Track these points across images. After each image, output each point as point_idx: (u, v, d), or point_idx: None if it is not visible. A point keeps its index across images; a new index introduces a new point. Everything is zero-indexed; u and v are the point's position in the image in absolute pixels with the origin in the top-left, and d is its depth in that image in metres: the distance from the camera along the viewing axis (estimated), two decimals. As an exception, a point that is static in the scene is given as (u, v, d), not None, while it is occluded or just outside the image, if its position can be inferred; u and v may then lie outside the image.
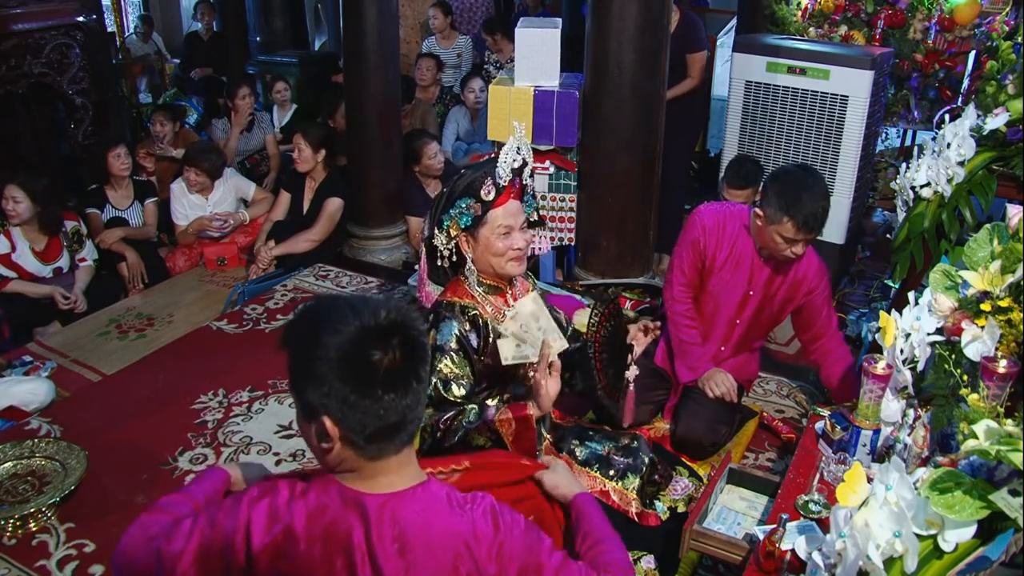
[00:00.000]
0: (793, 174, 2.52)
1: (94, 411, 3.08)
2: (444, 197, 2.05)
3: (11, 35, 4.40)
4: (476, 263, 2.07)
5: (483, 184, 1.98)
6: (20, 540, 2.41)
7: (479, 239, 2.04)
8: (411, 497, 1.27)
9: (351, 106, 4.40)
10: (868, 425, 2.01)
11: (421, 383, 1.24)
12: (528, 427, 1.87)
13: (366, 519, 1.24)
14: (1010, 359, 1.66)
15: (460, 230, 2.04)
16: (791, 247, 2.49)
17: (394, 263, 4.47)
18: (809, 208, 2.40)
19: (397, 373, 1.20)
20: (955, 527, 1.25)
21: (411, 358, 1.21)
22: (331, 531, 1.25)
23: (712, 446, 2.72)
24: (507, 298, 2.14)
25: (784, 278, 2.67)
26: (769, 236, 2.51)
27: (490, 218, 2.01)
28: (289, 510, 1.27)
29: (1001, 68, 3.12)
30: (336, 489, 1.27)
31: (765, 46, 3.97)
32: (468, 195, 2.00)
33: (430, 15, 6.44)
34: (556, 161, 3.84)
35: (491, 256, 2.04)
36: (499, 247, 2.03)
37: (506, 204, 2.02)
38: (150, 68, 7.57)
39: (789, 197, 2.42)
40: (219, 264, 4.41)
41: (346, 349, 1.18)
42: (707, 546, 1.99)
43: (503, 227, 2.02)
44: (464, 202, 2.00)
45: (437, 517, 1.27)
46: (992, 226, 1.87)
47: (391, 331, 1.20)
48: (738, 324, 2.76)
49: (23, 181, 3.73)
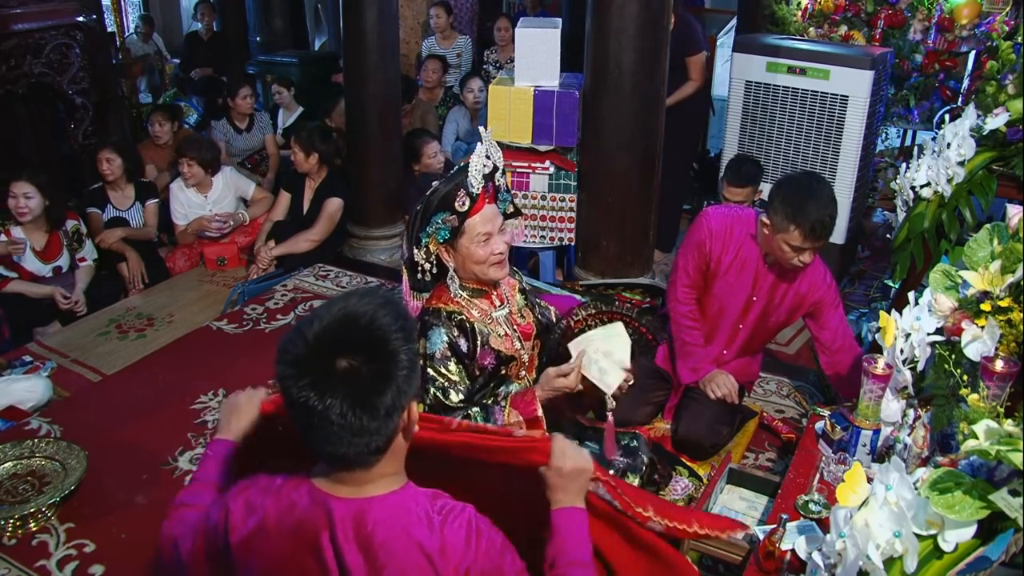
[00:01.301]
0: (799, 181, 2.48)
1: (94, 411, 3.08)
2: (419, 214, 2.03)
3: (11, 35, 4.40)
4: (458, 271, 2.07)
5: (456, 196, 1.96)
6: (20, 540, 2.41)
7: (459, 249, 2.03)
8: (379, 504, 1.24)
9: (351, 106, 4.41)
10: (868, 425, 2.01)
11: (375, 416, 1.16)
12: (539, 428, 1.88)
13: (331, 522, 1.22)
14: (1010, 359, 1.66)
15: (439, 244, 2.02)
16: (799, 255, 2.45)
17: (394, 263, 4.46)
18: (816, 216, 2.36)
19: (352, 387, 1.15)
20: (955, 527, 1.25)
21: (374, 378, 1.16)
22: (299, 529, 1.24)
23: (713, 447, 2.72)
24: (492, 299, 2.14)
25: (790, 286, 2.64)
26: (777, 245, 2.47)
27: (468, 227, 2.00)
28: (262, 504, 1.27)
29: (1001, 68, 3.12)
30: (307, 488, 1.26)
31: (765, 46, 3.97)
32: (442, 209, 1.98)
33: (432, 14, 6.45)
34: (556, 161, 3.84)
35: (473, 264, 2.04)
36: (480, 254, 2.02)
37: (482, 211, 2.01)
38: (150, 68, 7.57)
39: (795, 205, 2.38)
40: (219, 264, 4.41)
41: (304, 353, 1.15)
42: (707, 546, 1.98)
43: (482, 235, 2.01)
44: (439, 217, 1.98)
45: (403, 528, 1.23)
46: (992, 226, 1.87)
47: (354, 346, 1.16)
48: (741, 328, 2.75)
49: (31, 176, 3.74)
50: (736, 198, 3.77)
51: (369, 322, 1.16)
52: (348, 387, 1.14)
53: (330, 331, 1.16)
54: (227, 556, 1.31)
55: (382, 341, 1.16)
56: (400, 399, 1.18)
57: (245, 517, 1.28)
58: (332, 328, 1.16)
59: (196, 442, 2.90)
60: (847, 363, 2.64)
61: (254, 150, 5.53)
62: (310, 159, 4.36)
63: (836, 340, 2.67)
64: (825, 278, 2.66)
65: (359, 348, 1.15)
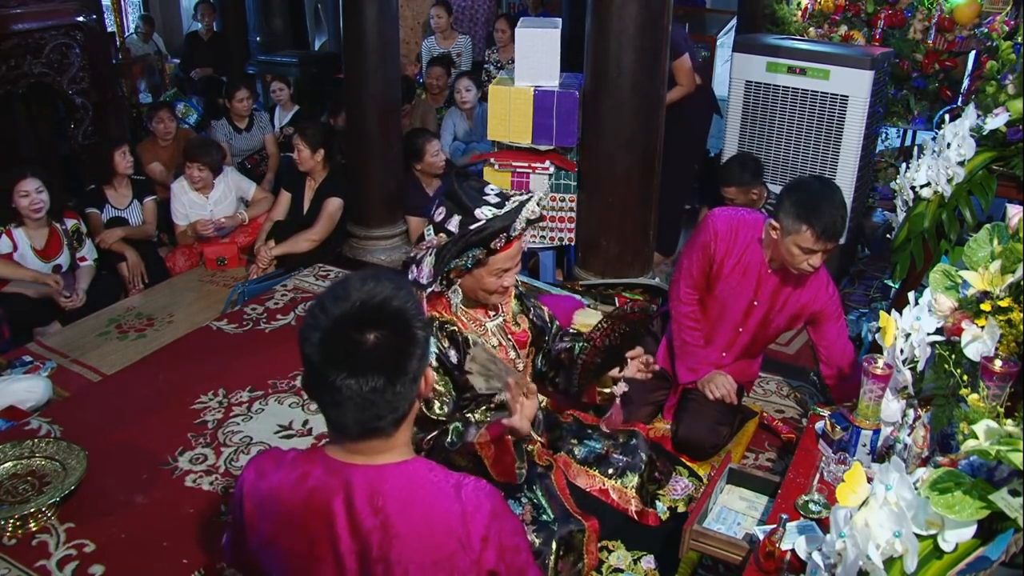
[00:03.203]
0: (810, 184, 2.48)
1: (94, 411, 3.08)
2: (455, 244, 1.96)
3: (11, 35, 4.39)
4: (461, 286, 2.06)
5: (496, 237, 1.95)
6: (20, 540, 2.41)
7: (472, 273, 2.02)
8: (395, 472, 1.28)
9: (351, 106, 4.41)
10: (868, 425, 2.01)
11: (392, 381, 1.22)
12: (506, 450, 1.86)
13: (347, 488, 1.26)
14: (1010, 359, 1.65)
15: (459, 272, 2.01)
16: (808, 258, 2.43)
17: (394, 263, 4.47)
18: (828, 217, 2.36)
19: (367, 359, 1.20)
20: (955, 527, 1.25)
21: (391, 348, 1.22)
22: (312, 496, 1.27)
23: (713, 447, 2.72)
24: (486, 309, 2.13)
25: (792, 293, 2.63)
26: (786, 248, 2.45)
27: (491, 261, 1.99)
28: (275, 472, 1.32)
29: (1001, 68, 3.12)
30: (321, 458, 1.31)
31: (765, 46, 3.97)
32: (479, 245, 1.96)
33: (432, 14, 6.45)
34: (556, 161, 3.84)
35: (478, 290, 2.04)
36: (490, 284, 2.02)
37: (509, 250, 2.00)
38: (150, 68, 7.57)
39: (807, 206, 2.37)
40: (219, 264, 4.41)
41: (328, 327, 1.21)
42: (707, 546, 1.99)
43: (500, 270, 2.01)
44: (474, 251, 1.96)
45: (424, 495, 1.27)
46: (992, 226, 1.87)
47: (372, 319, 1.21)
48: (742, 332, 2.75)
49: (36, 171, 3.76)
50: (729, 196, 3.78)
51: (387, 300, 1.23)
52: (381, 358, 1.20)
53: (351, 314, 1.21)
54: (242, 524, 1.35)
55: (401, 312, 1.23)
56: (423, 363, 1.26)
57: (256, 483, 1.33)
58: (353, 311, 1.22)
59: (196, 442, 2.90)
60: (842, 374, 2.67)
61: (254, 150, 5.53)
62: (316, 155, 4.36)
63: (832, 353, 2.69)
64: (828, 288, 2.65)
65: (382, 324, 1.21)
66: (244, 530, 1.35)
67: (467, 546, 1.26)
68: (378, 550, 1.24)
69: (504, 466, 1.88)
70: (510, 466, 1.88)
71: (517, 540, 1.34)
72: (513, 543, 1.32)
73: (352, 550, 1.25)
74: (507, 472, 1.88)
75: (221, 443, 2.90)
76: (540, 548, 1.97)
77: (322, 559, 1.26)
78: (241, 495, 1.35)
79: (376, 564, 1.24)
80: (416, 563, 1.24)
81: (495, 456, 1.88)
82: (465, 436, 1.92)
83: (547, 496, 2.10)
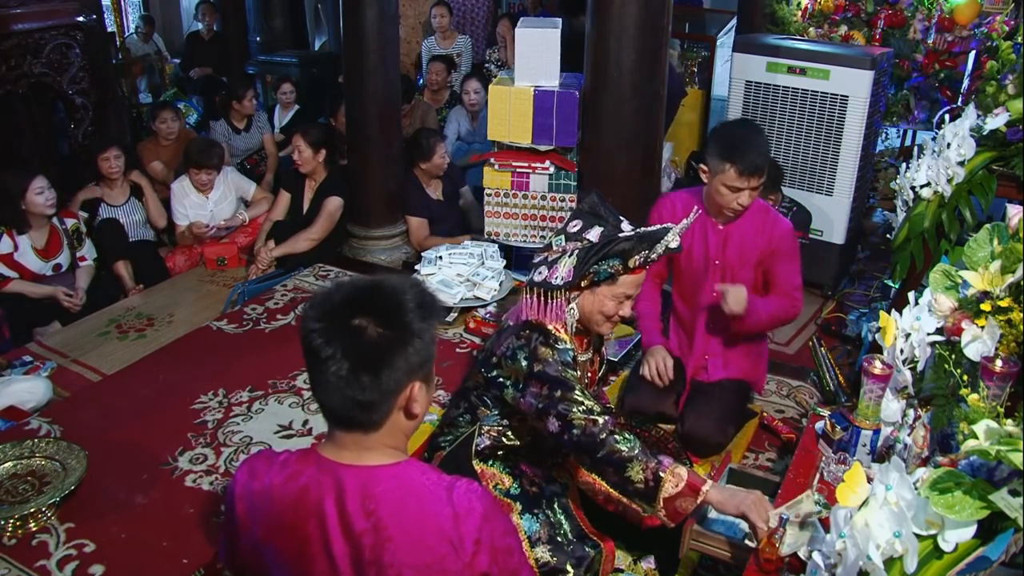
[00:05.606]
0: (732, 126, 2.64)
1: (94, 411, 3.07)
2: (602, 247, 1.97)
3: (11, 35, 4.40)
4: (579, 306, 2.05)
5: (636, 254, 1.96)
6: (20, 540, 2.41)
7: (596, 292, 2.02)
8: (386, 473, 1.28)
9: (351, 106, 4.41)
10: (868, 425, 2.01)
11: (377, 376, 1.22)
12: (692, 502, 1.83)
13: (339, 489, 1.26)
14: (1010, 359, 1.66)
15: (592, 282, 2.01)
16: (737, 197, 2.54)
17: (394, 263, 4.47)
18: (750, 155, 2.47)
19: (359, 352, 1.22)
20: (955, 527, 1.25)
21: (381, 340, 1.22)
22: (303, 496, 1.27)
23: (718, 445, 2.72)
24: (583, 340, 2.14)
25: (747, 239, 2.69)
26: (715, 189, 2.58)
27: (621, 282, 2.00)
28: (267, 472, 1.32)
29: (1001, 68, 3.12)
30: (314, 457, 1.31)
31: (765, 46, 3.97)
32: (619, 257, 1.96)
33: (433, 14, 6.45)
34: (556, 161, 3.84)
35: (596, 311, 2.04)
36: (609, 308, 2.02)
37: (639, 274, 2.01)
38: (150, 68, 7.57)
39: (729, 145, 2.50)
40: (219, 264, 4.41)
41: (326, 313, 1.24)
42: (707, 546, 1.98)
43: (624, 295, 2.02)
44: (613, 262, 1.97)
45: (415, 498, 1.27)
46: (992, 226, 1.87)
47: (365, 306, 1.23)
48: (716, 294, 2.72)
49: (42, 172, 3.77)
50: None
51: (392, 293, 1.24)
52: (353, 342, 1.21)
53: (355, 295, 1.24)
54: (234, 524, 1.35)
55: (398, 310, 1.23)
56: (405, 371, 1.24)
57: (249, 484, 1.33)
58: (359, 292, 1.24)
59: (196, 442, 2.90)
60: (771, 300, 2.70)
61: (253, 150, 5.53)
62: (318, 156, 4.36)
63: (777, 286, 2.74)
64: (778, 226, 2.70)
65: (376, 313, 1.22)
66: (237, 531, 1.35)
67: (460, 549, 1.25)
68: (370, 553, 1.23)
69: (680, 510, 1.85)
70: (684, 514, 1.86)
71: (509, 541, 1.34)
72: (505, 544, 1.32)
73: (344, 553, 1.24)
74: (672, 516, 1.86)
75: (221, 443, 2.90)
76: (555, 567, 1.95)
77: (314, 559, 1.26)
78: (233, 496, 1.35)
79: (368, 567, 1.24)
80: (409, 566, 1.23)
81: (679, 494, 1.83)
82: (657, 456, 1.87)
83: (565, 515, 2.08)
